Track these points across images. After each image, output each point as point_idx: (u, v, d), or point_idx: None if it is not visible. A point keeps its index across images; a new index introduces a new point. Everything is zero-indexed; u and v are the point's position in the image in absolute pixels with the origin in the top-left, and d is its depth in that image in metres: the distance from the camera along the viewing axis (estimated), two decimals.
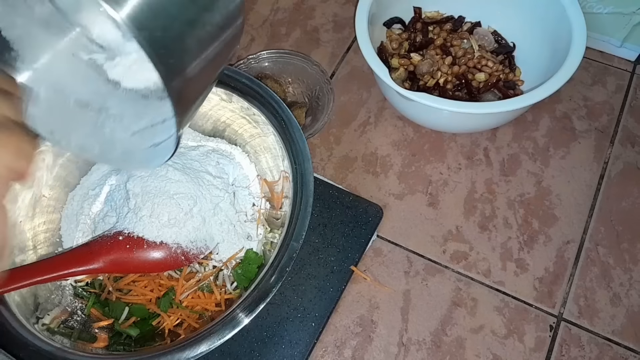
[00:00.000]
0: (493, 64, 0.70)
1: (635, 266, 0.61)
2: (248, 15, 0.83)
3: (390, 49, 0.73)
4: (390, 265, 0.62)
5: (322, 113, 0.68)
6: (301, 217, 0.50)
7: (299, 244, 0.48)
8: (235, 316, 0.46)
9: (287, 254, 0.48)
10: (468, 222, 0.64)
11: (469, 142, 0.70)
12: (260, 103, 0.55)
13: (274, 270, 0.48)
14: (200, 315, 0.54)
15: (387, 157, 0.69)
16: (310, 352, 0.57)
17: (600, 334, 0.57)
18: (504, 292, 0.60)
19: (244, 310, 0.46)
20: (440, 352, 0.57)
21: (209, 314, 0.54)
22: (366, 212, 0.63)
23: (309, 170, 0.52)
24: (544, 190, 0.66)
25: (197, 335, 0.45)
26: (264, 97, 0.55)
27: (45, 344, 0.46)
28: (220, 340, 0.45)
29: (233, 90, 0.57)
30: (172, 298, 0.53)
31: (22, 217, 0.54)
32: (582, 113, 0.71)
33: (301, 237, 0.49)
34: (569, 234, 0.63)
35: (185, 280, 0.54)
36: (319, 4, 0.84)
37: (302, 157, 0.52)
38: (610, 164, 0.67)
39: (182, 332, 0.53)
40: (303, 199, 0.50)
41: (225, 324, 0.45)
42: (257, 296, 0.47)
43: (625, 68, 0.75)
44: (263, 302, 0.46)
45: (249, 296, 0.47)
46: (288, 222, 0.50)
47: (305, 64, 0.72)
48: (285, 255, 0.48)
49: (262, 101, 0.55)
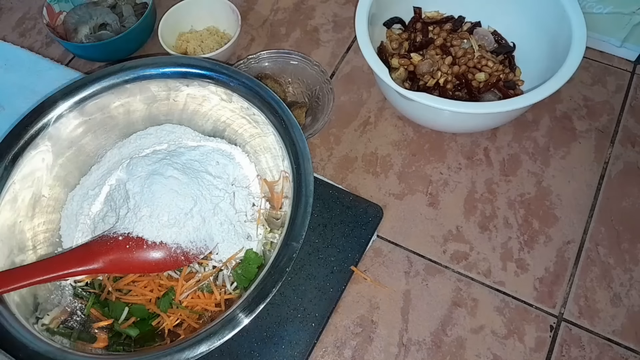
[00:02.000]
0: (493, 64, 0.69)
1: (635, 266, 0.60)
2: (248, 15, 0.83)
3: (390, 49, 0.73)
4: (390, 266, 0.62)
5: (322, 113, 0.68)
6: (301, 217, 0.49)
7: (299, 244, 0.48)
8: (234, 316, 0.46)
9: (287, 254, 0.48)
10: (468, 222, 0.64)
11: (469, 142, 0.70)
12: (261, 103, 0.55)
13: (274, 271, 0.47)
14: (200, 315, 0.54)
15: (387, 157, 0.69)
16: (310, 352, 0.57)
17: (601, 334, 0.57)
18: (504, 292, 0.60)
19: (243, 311, 0.46)
20: (440, 352, 0.57)
21: (209, 314, 0.54)
22: (366, 212, 0.63)
23: (309, 170, 0.51)
24: (544, 190, 0.66)
25: (196, 336, 0.45)
26: (263, 97, 0.55)
27: (44, 344, 0.46)
28: (220, 340, 0.45)
29: (233, 90, 0.57)
30: (172, 298, 0.53)
31: (21, 217, 0.54)
32: (582, 113, 0.71)
33: (301, 237, 0.48)
34: (569, 234, 0.63)
35: (185, 281, 0.54)
36: (319, 4, 0.84)
37: (302, 157, 0.52)
38: (610, 163, 0.67)
39: (182, 333, 0.53)
40: (303, 199, 0.50)
41: (224, 325, 0.45)
42: (257, 296, 0.46)
43: (625, 68, 0.74)
44: (263, 303, 0.46)
45: (248, 297, 0.47)
46: (288, 222, 0.50)
47: (305, 64, 0.72)
48: (285, 255, 0.48)
49: (262, 101, 0.55)
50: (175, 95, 0.60)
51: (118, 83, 0.58)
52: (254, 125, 0.58)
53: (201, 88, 0.58)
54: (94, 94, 0.57)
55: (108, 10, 0.80)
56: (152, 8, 0.78)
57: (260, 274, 0.49)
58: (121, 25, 0.79)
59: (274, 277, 0.47)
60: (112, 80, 0.58)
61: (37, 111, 0.56)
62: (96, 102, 0.58)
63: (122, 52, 0.78)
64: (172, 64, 0.58)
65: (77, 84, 0.57)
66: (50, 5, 0.79)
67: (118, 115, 0.60)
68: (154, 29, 0.80)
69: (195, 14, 0.79)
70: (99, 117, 0.59)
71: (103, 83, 0.58)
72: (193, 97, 0.60)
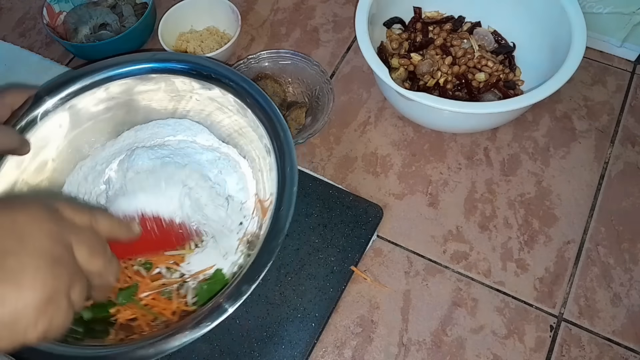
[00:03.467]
0: (493, 64, 0.70)
1: (635, 266, 0.60)
2: (248, 15, 0.83)
3: (390, 49, 0.73)
4: (390, 265, 0.62)
5: (322, 113, 0.68)
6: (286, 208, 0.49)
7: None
8: (219, 305, 0.45)
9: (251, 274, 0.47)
10: (468, 222, 0.64)
11: (469, 142, 0.70)
12: (270, 127, 0.55)
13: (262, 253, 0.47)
14: (155, 317, 0.53)
15: (387, 157, 0.69)
16: (310, 352, 0.57)
17: (601, 334, 0.57)
18: (505, 292, 0.60)
19: (229, 299, 0.45)
20: (440, 352, 0.57)
21: (164, 320, 0.53)
22: (366, 212, 0.63)
23: (293, 198, 0.51)
24: (544, 190, 0.66)
25: (180, 327, 0.45)
26: (273, 123, 0.54)
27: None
28: (205, 329, 0.44)
29: (248, 106, 0.56)
30: (134, 293, 0.53)
31: (26, 174, 0.56)
32: (582, 113, 0.71)
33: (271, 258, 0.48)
34: (570, 234, 0.63)
35: (150, 280, 0.53)
36: (319, 4, 0.84)
37: (288, 181, 0.51)
38: (610, 163, 0.67)
39: (134, 330, 0.52)
40: (276, 237, 0.49)
41: (209, 313, 0.45)
42: (243, 281, 0.46)
43: (625, 68, 0.75)
44: (251, 287, 0.46)
45: (235, 285, 0.46)
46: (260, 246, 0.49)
47: (305, 64, 0.72)
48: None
49: (272, 126, 0.55)
50: (198, 95, 0.60)
51: (144, 70, 0.59)
52: (266, 154, 0.57)
53: (221, 95, 0.58)
54: (119, 75, 0.59)
55: (108, 10, 0.80)
56: (152, 8, 0.78)
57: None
58: (121, 25, 0.79)
59: (264, 258, 0.47)
60: (140, 66, 0.59)
61: (66, 79, 0.58)
62: (120, 83, 0.59)
63: (122, 52, 0.78)
64: (196, 64, 0.58)
65: (106, 63, 0.59)
66: (50, 5, 0.79)
67: (141, 100, 0.61)
68: (154, 29, 0.80)
69: (195, 14, 0.79)
70: (122, 98, 0.60)
71: (131, 67, 0.59)
72: (212, 99, 0.60)
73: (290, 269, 0.60)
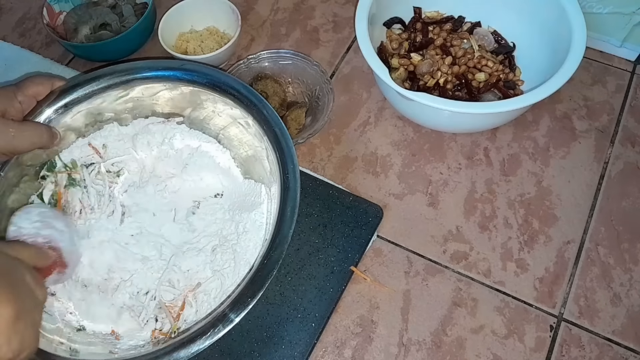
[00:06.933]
0: (493, 64, 0.70)
1: (635, 266, 0.60)
2: (248, 15, 0.83)
3: (390, 49, 0.73)
4: (390, 266, 0.62)
5: (322, 113, 0.68)
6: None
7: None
8: (225, 315, 0.47)
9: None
10: (468, 222, 0.64)
11: (469, 142, 0.70)
12: (276, 146, 0.55)
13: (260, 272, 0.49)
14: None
15: (387, 157, 0.69)
16: (310, 352, 0.57)
17: (601, 334, 0.57)
18: (504, 292, 0.60)
19: (233, 309, 0.47)
20: (440, 352, 0.57)
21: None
22: (366, 212, 0.63)
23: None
24: (544, 190, 0.66)
25: (188, 335, 0.46)
26: (279, 142, 0.55)
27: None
28: (213, 338, 0.46)
29: (255, 119, 0.57)
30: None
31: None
32: (582, 113, 0.71)
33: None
34: (569, 234, 0.63)
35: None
36: (319, 4, 0.84)
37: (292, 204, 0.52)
38: (610, 163, 0.67)
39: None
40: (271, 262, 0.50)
41: (215, 323, 0.46)
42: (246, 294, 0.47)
43: (625, 68, 0.74)
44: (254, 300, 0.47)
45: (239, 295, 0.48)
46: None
47: (305, 64, 0.72)
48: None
49: (278, 145, 0.55)
50: (214, 107, 0.61)
51: (169, 77, 0.60)
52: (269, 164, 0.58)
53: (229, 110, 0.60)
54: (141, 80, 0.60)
55: (108, 10, 0.80)
56: (152, 8, 0.78)
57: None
58: (121, 25, 0.79)
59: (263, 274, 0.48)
60: (167, 73, 0.60)
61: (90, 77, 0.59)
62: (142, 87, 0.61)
63: (122, 52, 0.78)
64: (208, 76, 0.59)
65: (132, 65, 0.60)
66: (50, 5, 0.79)
67: (162, 103, 0.63)
68: (154, 29, 0.80)
69: (195, 14, 0.79)
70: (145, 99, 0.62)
71: (158, 72, 0.60)
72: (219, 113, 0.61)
73: (290, 269, 0.60)
